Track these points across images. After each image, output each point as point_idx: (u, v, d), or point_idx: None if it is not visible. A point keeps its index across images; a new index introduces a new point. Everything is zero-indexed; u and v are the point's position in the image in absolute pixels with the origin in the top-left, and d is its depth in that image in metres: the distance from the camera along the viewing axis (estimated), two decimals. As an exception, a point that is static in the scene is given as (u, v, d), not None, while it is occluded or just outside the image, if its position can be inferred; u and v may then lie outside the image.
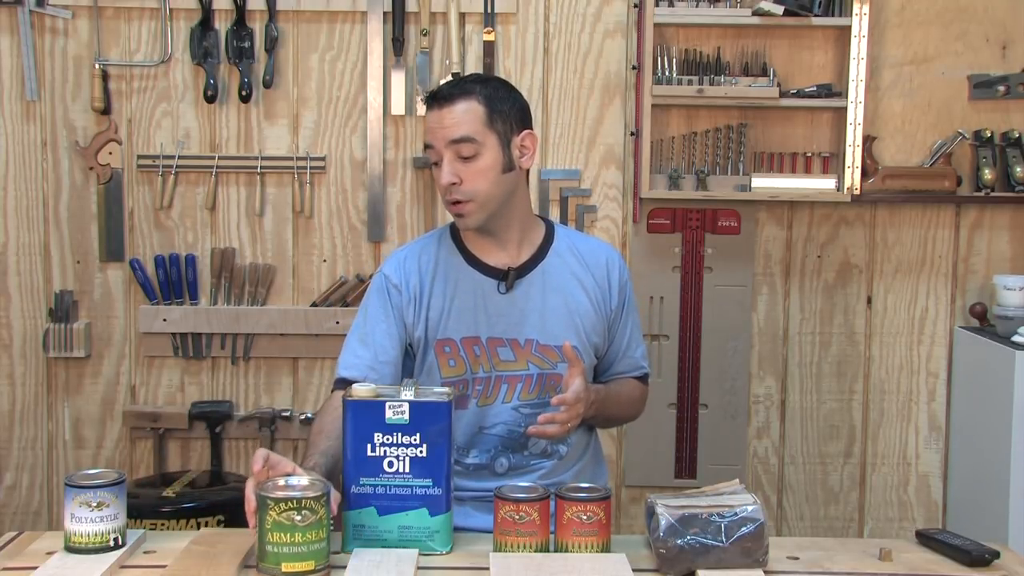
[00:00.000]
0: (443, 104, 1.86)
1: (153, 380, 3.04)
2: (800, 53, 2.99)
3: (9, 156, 2.98)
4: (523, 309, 1.93)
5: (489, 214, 1.89)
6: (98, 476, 1.55)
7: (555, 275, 1.96)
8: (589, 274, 1.98)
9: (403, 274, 1.95)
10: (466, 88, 1.88)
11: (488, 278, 1.94)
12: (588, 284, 1.98)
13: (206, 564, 1.49)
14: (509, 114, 1.89)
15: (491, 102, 1.87)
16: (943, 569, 1.57)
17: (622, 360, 2.07)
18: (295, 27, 2.97)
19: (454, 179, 1.84)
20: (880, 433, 3.11)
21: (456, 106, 1.85)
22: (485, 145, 1.85)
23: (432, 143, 1.87)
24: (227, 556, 1.51)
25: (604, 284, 2.00)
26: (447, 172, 1.85)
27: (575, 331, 1.94)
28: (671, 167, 2.97)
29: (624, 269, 2.05)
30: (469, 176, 1.85)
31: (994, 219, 3.06)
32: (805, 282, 3.07)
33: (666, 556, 1.51)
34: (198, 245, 3.01)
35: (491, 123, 1.86)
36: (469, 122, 1.84)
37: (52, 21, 2.94)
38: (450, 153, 1.85)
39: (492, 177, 1.86)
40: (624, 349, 2.06)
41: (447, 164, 1.85)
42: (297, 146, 3.00)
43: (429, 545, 1.58)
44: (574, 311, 1.95)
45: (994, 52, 3.01)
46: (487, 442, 1.93)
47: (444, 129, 1.85)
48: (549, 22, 2.99)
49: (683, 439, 3.07)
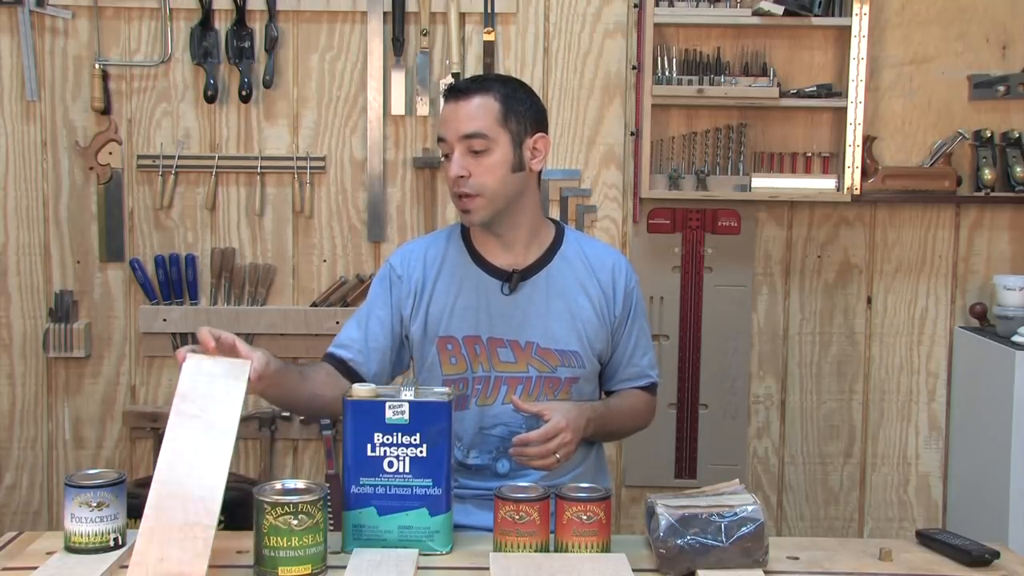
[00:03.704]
0: (459, 98, 1.88)
1: (153, 380, 3.04)
2: (800, 53, 2.99)
3: (9, 156, 2.98)
4: (525, 311, 1.93)
5: (495, 212, 1.89)
6: (98, 476, 1.55)
7: (560, 279, 1.96)
8: (595, 280, 1.98)
9: (407, 267, 1.97)
10: (484, 84, 1.90)
11: (492, 278, 1.94)
12: (592, 290, 1.97)
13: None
14: (524, 115, 1.90)
15: (507, 101, 1.88)
16: (943, 569, 1.57)
17: (627, 367, 2.04)
18: (295, 27, 2.97)
19: (463, 172, 1.86)
20: (880, 433, 3.11)
21: (472, 101, 1.87)
22: (496, 142, 1.86)
23: (445, 136, 1.89)
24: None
25: (609, 290, 1.99)
26: (456, 165, 1.86)
27: (577, 336, 1.94)
28: (671, 167, 2.97)
29: (631, 276, 2.03)
30: (478, 171, 1.86)
31: (994, 219, 3.06)
32: (805, 282, 3.07)
33: (666, 556, 1.51)
34: (198, 245, 3.01)
35: (505, 121, 1.87)
36: (483, 117, 1.86)
37: (52, 21, 2.94)
38: (462, 147, 1.86)
39: (500, 174, 1.87)
40: (629, 356, 2.03)
41: (457, 157, 1.87)
42: (297, 146, 3.00)
43: (429, 545, 1.58)
44: (576, 316, 1.95)
45: (994, 52, 3.01)
46: (488, 443, 1.93)
47: (458, 122, 1.86)
48: (549, 22, 2.99)
49: (683, 439, 3.07)
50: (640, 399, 2.07)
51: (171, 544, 1.41)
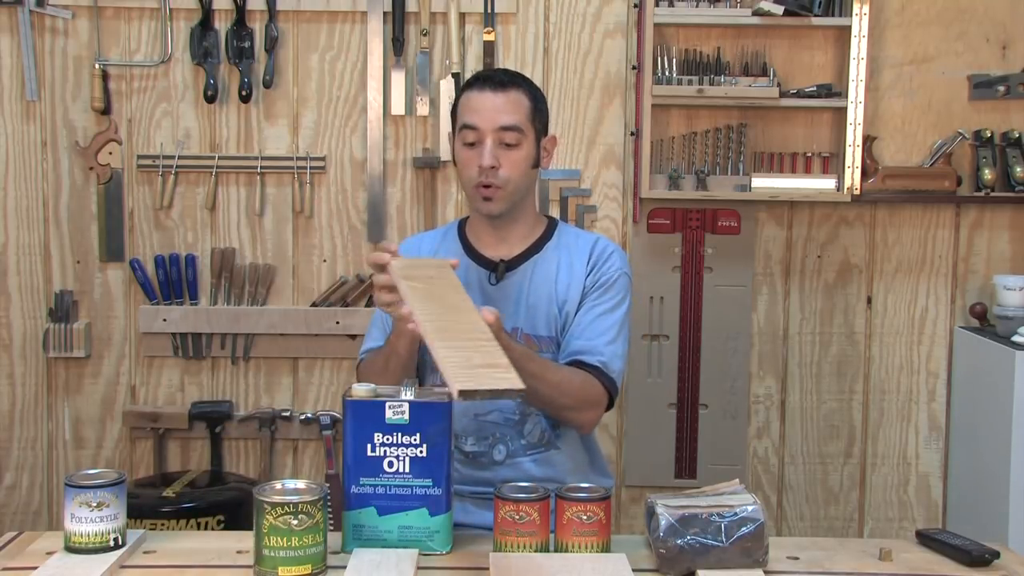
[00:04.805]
0: (496, 89, 1.91)
1: (153, 380, 3.04)
2: (800, 53, 2.99)
3: (9, 156, 2.98)
4: (512, 299, 1.96)
5: (511, 205, 1.94)
6: (98, 476, 1.55)
7: (545, 267, 1.99)
8: (572, 264, 1.99)
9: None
10: (516, 79, 1.95)
11: (482, 269, 1.99)
12: (568, 276, 1.98)
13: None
14: (545, 114, 1.98)
15: (535, 99, 1.95)
16: (943, 569, 1.57)
17: (577, 339, 1.91)
18: (295, 27, 2.97)
19: (495, 162, 1.89)
20: (880, 433, 3.11)
21: (509, 94, 1.91)
22: (526, 137, 1.92)
23: (477, 124, 1.90)
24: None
25: (582, 269, 1.97)
26: (489, 155, 1.88)
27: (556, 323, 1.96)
28: (671, 167, 2.97)
29: (609, 256, 1.98)
30: (507, 164, 1.90)
31: (994, 219, 3.06)
32: (805, 282, 3.07)
33: (666, 556, 1.51)
34: (198, 245, 3.01)
35: (533, 119, 1.93)
36: (518, 112, 1.91)
37: (52, 21, 2.94)
38: (495, 137, 1.89)
39: (524, 168, 1.92)
40: (584, 327, 1.92)
41: (490, 148, 1.89)
42: (297, 146, 3.00)
43: (429, 545, 1.58)
44: (556, 303, 1.96)
45: (994, 52, 3.01)
46: (484, 429, 1.95)
47: (496, 112, 1.89)
48: (549, 22, 2.99)
49: (683, 439, 3.07)
50: (576, 375, 1.88)
51: (468, 350, 1.48)
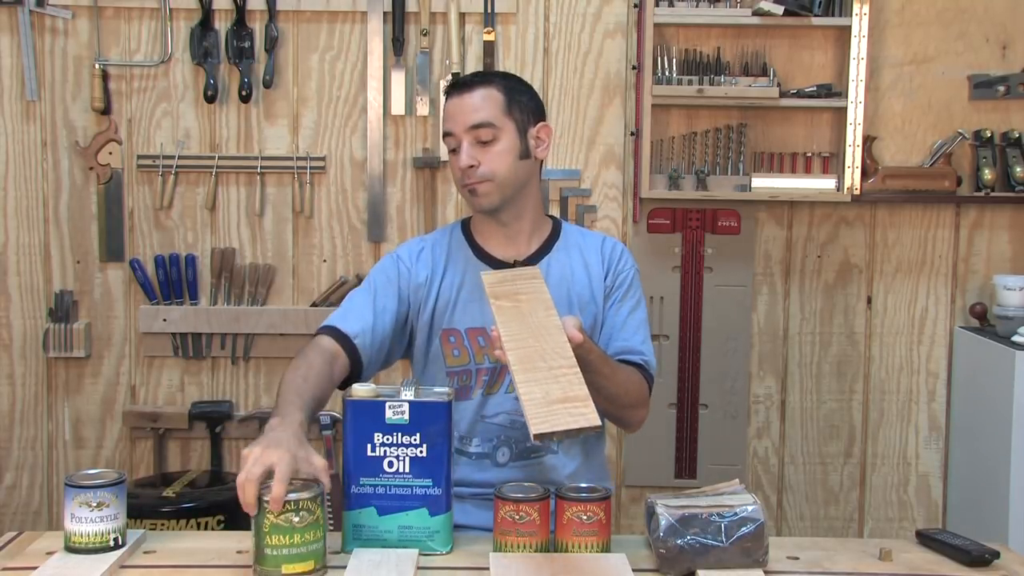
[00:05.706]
0: (463, 91, 1.91)
1: (153, 380, 3.04)
2: (800, 53, 2.99)
3: (9, 156, 2.98)
4: None
5: (504, 198, 1.92)
6: (98, 476, 1.55)
7: (558, 267, 1.97)
8: (588, 261, 1.99)
9: (414, 261, 1.98)
10: (486, 77, 1.95)
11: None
12: (585, 275, 1.98)
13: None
14: (527, 104, 1.94)
15: (509, 91, 1.93)
16: (943, 569, 1.57)
17: (617, 340, 1.95)
18: (295, 27, 2.97)
19: (472, 162, 1.88)
20: (880, 433, 3.11)
21: (475, 93, 1.90)
22: (503, 130, 1.90)
23: (452, 130, 1.91)
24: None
25: (599, 269, 1.99)
26: (465, 155, 1.88)
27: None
28: (671, 167, 2.97)
29: (621, 254, 2.00)
30: (486, 160, 1.89)
31: (994, 219, 3.06)
32: (805, 282, 3.07)
33: (666, 556, 1.51)
34: (198, 245, 3.01)
35: (509, 110, 1.91)
36: (488, 108, 1.89)
37: (52, 21, 2.94)
38: (469, 138, 1.89)
39: (509, 160, 1.90)
40: (619, 329, 1.96)
41: (466, 148, 1.89)
42: (297, 146, 3.00)
43: (429, 545, 1.58)
44: (575, 304, 1.96)
45: (994, 52, 3.01)
46: (489, 431, 1.94)
47: (464, 115, 1.89)
48: (549, 22, 2.99)
49: (683, 439, 3.07)
50: (634, 374, 1.92)
51: (548, 382, 1.50)
